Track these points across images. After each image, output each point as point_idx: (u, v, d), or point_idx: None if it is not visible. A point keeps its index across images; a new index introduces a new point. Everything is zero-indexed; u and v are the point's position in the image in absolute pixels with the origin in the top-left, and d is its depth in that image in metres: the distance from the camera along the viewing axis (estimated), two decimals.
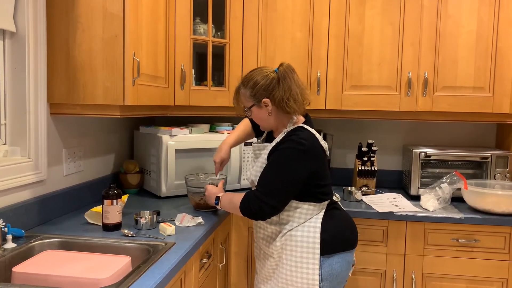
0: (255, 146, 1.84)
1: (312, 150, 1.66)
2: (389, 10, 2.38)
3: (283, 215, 1.73)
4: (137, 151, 2.62)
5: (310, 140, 1.66)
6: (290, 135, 1.69)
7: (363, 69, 2.43)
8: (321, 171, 1.71)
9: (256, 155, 1.84)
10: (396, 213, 2.18)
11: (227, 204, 1.80)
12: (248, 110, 1.78)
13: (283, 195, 1.66)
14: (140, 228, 1.76)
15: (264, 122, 1.78)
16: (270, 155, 1.71)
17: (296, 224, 1.71)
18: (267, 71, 1.74)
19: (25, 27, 1.70)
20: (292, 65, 1.75)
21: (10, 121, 1.75)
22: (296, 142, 1.64)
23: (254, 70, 1.78)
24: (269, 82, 1.70)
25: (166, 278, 1.33)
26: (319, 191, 1.71)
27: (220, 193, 1.86)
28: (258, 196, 1.64)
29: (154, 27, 2.02)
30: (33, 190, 1.79)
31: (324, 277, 1.68)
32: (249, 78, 1.75)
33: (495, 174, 2.41)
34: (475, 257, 2.17)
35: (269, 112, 1.73)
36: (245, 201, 1.68)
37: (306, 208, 1.71)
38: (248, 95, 1.75)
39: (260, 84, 1.71)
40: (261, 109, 1.75)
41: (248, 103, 1.77)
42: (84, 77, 1.78)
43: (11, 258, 1.47)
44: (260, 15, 2.48)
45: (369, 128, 2.85)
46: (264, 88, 1.71)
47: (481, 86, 2.35)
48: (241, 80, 1.79)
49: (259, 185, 1.69)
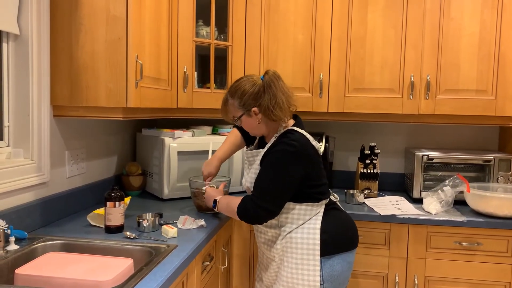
0: (248, 153, 1.84)
1: (304, 151, 1.66)
2: (392, 13, 2.38)
3: (281, 218, 1.73)
4: (140, 153, 2.63)
5: (301, 141, 1.67)
6: (281, 138, 1.69)
7: (366, 72, 2.43)
8: (315, 171, 1.71)
9: (250, 162, 1.84)
10: (398, 216, 2.18)
11: (224, 207, 1.80)
12: (238, 119, 1.78)
13: (279, 198, 1.66)
14: (142, 230, 1.76)
15: (255, 130, 1.79)
16: (263, 160, 1.71)
17: (295, 225, 1.71)
18: (254, 79, 1.74)
19: (28, 29, 1.71)
20: (277, 72, 1.74)
21: (13, 123, 1.76)
22: (287, 144, 1.65)
23: (240, 79, 1.77)
24: (256, 90, 1.70)
25: (168, 281, 1.33)
26: (315, 191, 1.72)
27: (218, 196, 1.86)
28: (254, 201, 1.65)
29: (157, 30, 2.03)
30: (36, 192, 1.79)
31: (325, 278, 1.68)
32: (236, 88, 1.75)
33: (498, 177, 2.40)
34: (478, 261, 2.16)
35: (258, 120, 1.74)
36: (241, 205, 1.68)
37: (304, 209, 1.71)
38: (236, 105, 1.75)
39: (248, 93, 1.71)
40: (250, 118, 1.75)
41: (237, 113, 1.76)
42: (87, 80, 1.79)
43: (14, 260, 1.47)
44: (262, 18, 2.49)
45: (372, 131, 2.85)
46: (253, 97, 1.71)
47: (484, 89, 2.35)
48: (228, 91, 1.79)
49: (254, 190, 1.69)
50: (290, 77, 2.47)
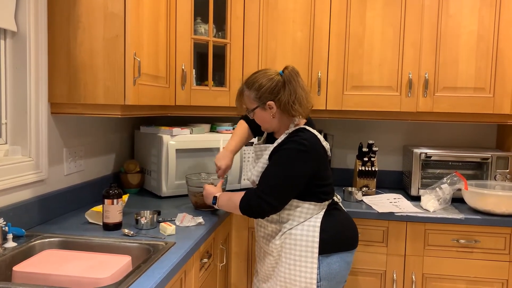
0: (257, 147, 1.85)
1: (313, 151, 1.67)
2: (390, 10, 2.38)
3: (283, 214, 1.73)
4: (138, 151, 2.63)
5: (312, 141, 1.67)
6: (292, 136, 1.70)
7: (364, 70, 2.43)
8: (322, 171, 1.72)
9: (257, 155, 1.84)
10: (396, 213, 2.18)
11: (225, 203, 1.80)
12: (251, 112, 1.79)
13: (284, 194, 1.67)
14: (140, 227, 1.76)
15: (267, 124, 1.79)
16: (272, 156, 1.71)
17: (296, 223, 1.72)
18: (272, 73, 1.74)
19: (26, 26, 1.71)
20: (295, 67, 1.75)
21: (11, 120, 1.75)
22: (298, 142, 1.65)
23: (257, 72, 1.78)
24: (274, 85, 1.71)
25: (166, 278, 1.33)
26: (320, 190, 1.72)
27: (217, 193, 1.87)
28: (259, 194, 1.65)
29: (155, 27, 2.03)
30: (33, 189, 1.79)
31: (322, 276, 1.69)
32: (254, 80, 1.75)
33: (496, 175, 2.41)
34: (475, 258, 2.17)
35: (273, 114, 1.74)
36: (245, 199, 1.69)
37: (307, 207, 1.71)
38: (252, 97, 1.76)
39: (265, 86, 1.72)
40: (265, 111, 1.75)
41: (252, 105, 1.77)
42: (85, 77, 1.78)
43: (12, 257, 1.47)
44: (261, 15, 2.48)
45: (370, 129, 2.85)
46: (270, 91, 1.71)
47: (482, 87, 2.35)
48: (245, 82, 1.79)
49: (260, 184, 1.69)
50: None
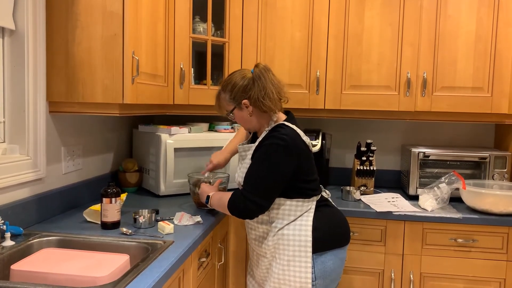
0: (241, 147, 1.85)
1: (293, 146, 1.67)
2: (389, 10, 2.38)
3: (272, 214, 1.73)
4: (136, 150, 2.62)
5: (291, 135, 1.68)
6: (271, 132, 1.71)
7: (362, 69, 2.43)
8: (305, 166, 1.72)
9: (242, 156, 1.85)
10: (394, 213, 2.19)
11: (217, 202, 1.81)
12: (230, 113, 1.80)
13: (269, 192, 1.67)
14: (138, 226, 1.76)
15: (247, 123, 1.81)
16: (254, 154, 1.72)
17: (286, 221, 1.72)
18: (244, 73, 1.76)
19: (24, 25, 1.70)
20: (268, 66, 1.77)
21: (9, 119, 1.75)
22: (277, 138, 1.66)
23: (232, 73, 1.80)
24: (246, 83, 1.73)
25: (164, 277, 1.33)
26: (306, 186, 1.72)
27: (211, 192, 1.87)
28: (244, 195, 1.66)
29: (153, 26, 2.02)
30: (31, 188, 1.79)
31: (317, 275, 1.69)
32: (227, 81, 1.78)
33: (494, 174, 2.41)
34: (473, 257, 2.17)
35: (249, 113, 1.75)
36: (231, 200, 1.70)
37: (295, 204, 1.71)
38: (228, 99, 1.77)
39: (238, 86, 1.73)
40: (242, 111, 1.77)
41: (230, 106, 1.79)
42: (83, 76, 1.78)
43: (10, 256, 1.47)
44: (259, 14, 2.48)
45: (368, 128, 2.86)
46: (242, 90, 1.73)
47: (480, 86, 2.35)
48: (220, 85, 1.81)
49: (244, 184, 1.70)
50: (287, 74, 2.47)
